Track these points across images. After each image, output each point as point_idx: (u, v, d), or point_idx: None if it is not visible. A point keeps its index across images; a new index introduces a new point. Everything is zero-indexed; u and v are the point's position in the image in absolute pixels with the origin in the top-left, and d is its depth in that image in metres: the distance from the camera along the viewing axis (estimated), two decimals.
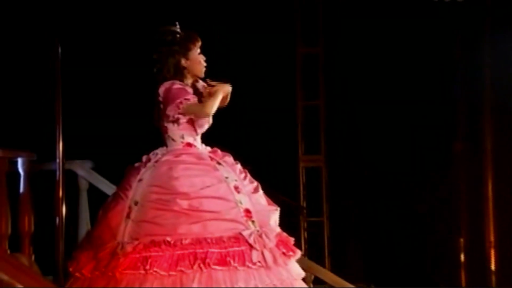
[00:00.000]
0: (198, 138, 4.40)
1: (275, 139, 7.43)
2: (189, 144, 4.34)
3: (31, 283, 3.57)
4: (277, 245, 4.14)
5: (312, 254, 7.40)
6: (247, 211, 4.13)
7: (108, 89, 6.79)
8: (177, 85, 4.32)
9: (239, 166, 4.37)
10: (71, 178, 5.42)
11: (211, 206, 4.06)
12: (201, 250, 3.95)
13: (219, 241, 3.99)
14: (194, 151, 4.33)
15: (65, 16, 6.17)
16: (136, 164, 4.35)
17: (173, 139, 4.35)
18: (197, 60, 4.38)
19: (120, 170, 5.60)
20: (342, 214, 7.76)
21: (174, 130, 4.33)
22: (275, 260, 4.08)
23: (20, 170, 5.12)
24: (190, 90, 4.38)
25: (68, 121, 5.04)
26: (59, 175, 4.95)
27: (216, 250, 3.96)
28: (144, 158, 4.35)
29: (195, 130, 4.36)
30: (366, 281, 6.95)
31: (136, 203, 4.13)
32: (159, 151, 4.35)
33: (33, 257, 5.14)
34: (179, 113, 4.29)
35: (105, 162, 5.71)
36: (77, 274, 4.17)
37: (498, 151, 7.13)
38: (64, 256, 4.94)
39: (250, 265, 3.99)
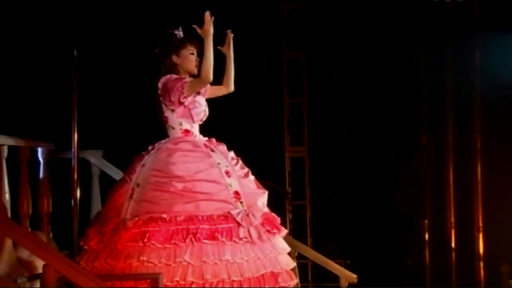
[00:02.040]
0: (196, 126, 4.40)
1: (264, 132, 7.43)
2: (187, 131, 4.34)
3: (49, 257, 3.59)
4: (262, 223, 4.15)
5: (296, 234, 7.40)
6: (236, 193, 4.14)
7: (119, 87, 6.77)
8: (173, 76, 4.34)
9: (231, 153, 4.38)
10: (84, 165, 5.42)
11: (204, 188, 4.08)
12: (193, 226, 3.97)
13: (209, 218, 4.01)
14: (191, 139, 4.33)
15: (82, 18, 6.13)
16: (143, 152, 4.37)
17: (173, 127, 4.35)
18: (188, 58, 4.37)
19: (128, 159, 5.62)
20: (322, 198, 7.77)
21: (173, 118, 4.33)
22: (259, 236, 4.09)
23: (40, 158, 5.12)
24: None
25: (83, 114, 5.05)
26: (74, 162, 4.97)
27: (206, 226, 3.98)
28: (150, 147, 4.37)
29: (192, 118, 4.34)
30: (342, 257, 6.95)
31: (138, 185, 4.16)
32: (162, 141, 4.37)
33: (51, 235, 5.15)
34: (184, 97, 4.27)
35: (115, 151, 5.70)
36: (85, 247, 4.22)
37: (459, 142, 7.15)
38: (78, 233, 4.97)
39: (236, 240, 4.01)
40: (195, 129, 4.39)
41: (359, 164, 7.49)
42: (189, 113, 4.33)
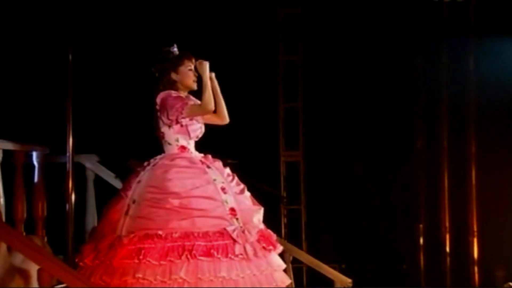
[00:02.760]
0: (192, 143, 4.42)
1: (259, 137, 7.44)
2: (183, 147, 4.36)
3: (44, 261, 3.61)
4: (258, 240, 4.16)
5: (291, 238, 7.42)
6: (232, 210, 4.16)
7: (114, 92, 6.78)
8: (173, 94, 4.36)
9: (227, 170, 4.40)
10: (79, 169, 5.43)
11: (200, 204, 4.09)
12: (188, 243, 3.98)
13: (205, 235, 4.02)
14: (187, 155, 4.35)
15: (78, 22, 6.15)
16: (138, 169, 4.37)
17: (169, 143, 4.37)
18: (186, 74, 4.41)
19: (123, 163, 5.65)
20: (318, 203, 7.79)
21: (169, 134, 4.35)
22: (255, 253, 4.11)
23: (35, 162, 5.13)
24: (185, 97, 4.43)
25: (78, 119, 5.07)
26: (69, 166, 5.01)
27: (202, 243, 3.99)
28: (145, 163, 4.38)
29: (189, 134, 4.37)
30: (337, 262, 6.96)
31: (134, 202, 4.16)
32: (158, 157, 4.38)
33: (45, 239, 5.15)
34: (183, 117, 4.30)
35: (110, 156, 5.71)
36: (81, 263, 4.20)
37: (453, 147, 7.18)
38: (73, 237, 4.99)
39: (232, 257, 4.02)
40: (191, 145, 4.41)
41: (354, 169, 7.52)
42: (186, 130, 4.37)
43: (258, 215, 4.31)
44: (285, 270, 5.44)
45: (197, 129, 4.42)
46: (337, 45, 7.25)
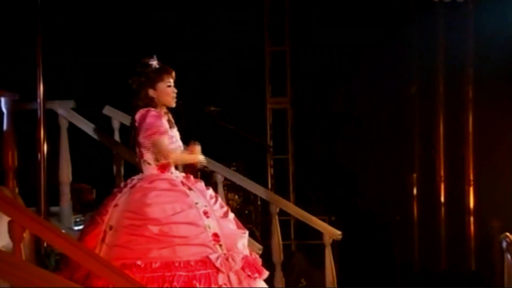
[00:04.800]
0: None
1: (244, 83, 7.37)
2: (163, 167, 4.25)
3: (15, 212, 3.53)
4: (242, 268, 4.07)
5: (278, 189, 7.42)
6: (215, 235, 4.06)
7: (88, 35, 6.67)
8: (152, 112, 4.23)
9: (210, 191, 4.30)
10: (52, 117, 5.34)
11: (180, 231, 3.99)
12: (169, 274, 3.88)
13: (186, 264, 3.92)
14: (168, 176, 4.24)
15: None
16: (115, 190, 4.26)
17: (148, 163, 4.25)
18: (165, 92, 4.27)
19: (98, 111, 5.59)
20: (306, 153, 7.76)
21: (149, 154, 4.24)
22: (240, 282, 4.03)
23: (3, 108, 4.99)
24: (165, 119, 4.30)
25: (50, 63, 4.97)
26: (40, 113, 4.90)
27: (183, 273, 3.89)
28: (122, 184, 4.27)
29: None
30: (327, 214, 6.96)
31: (110, 228, 4.03)
32: (136, 177, 4.26)
33: (16, 190, 5.07)
34: (148, 144, 4.19)
35: (85, 103, 5.62)
36: None
37: (449, 91, 7.14)
38: (46, 189, 4.93)
39: (215, 287, 3.94)
40: (171, 164, 4.31)
41: (344, 116, 7.46)
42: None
43: (242, 240, 4.20)
44: (271, 224, 5.47)
45: (177, 147, 4.31)
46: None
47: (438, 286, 6.74)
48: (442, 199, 7.16)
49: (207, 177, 6.08)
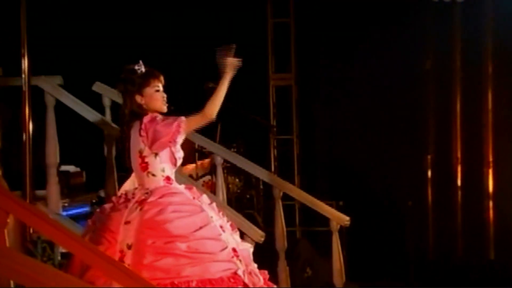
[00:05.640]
0: (174, 172, 4.28)
1: (245, 57, 7.34)
2: (169, 178, 4.22)
3: None
4: (265, 282, 4.20)
5: (282, 172, 7.44)
6: (234, 250, 4.13)
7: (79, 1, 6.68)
8: (158, 119, 4.18)
9: (214, 205, 4.31)
10: (38, 94, 5.34)
11: (207, 247, 4.01)
12: None
13: (221, 282, 3.97)
14: (177, 189, 4.22)
15: None
16: (107, 206, 4.20)
17: (153, 174, 4.20)
18: (153, 97, 4.23)
19: (88, 87, 5.59)
20: (312, 133, 7.76)
21: (155, 164, 4.19)
22: None
23: None
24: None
25: (35, 37, 4.96)
26: (25, 90, 4.90)
27: None
28: (115, 198, 4.21)
29: (175, 162, 4.24)
30: (334, 198, 6.98)
31: (129, 247, 3.99)
32: (137, 191, 4.19)
33: (0, 172, 5.09)
34: (180, 135, 4.13)
35: (74, 79, 5.63)
36: None
37: (467, 67, 7.13)
38: (31, 171, 4.94)
39: None
40: (173, 176, 4.27)
41: (353, 92, 7.45)
42: (173, 157, 4.22)
43: (251, 252, 4.29)
44: (274, 209, 5.49)
45: (181, 156, 4.29)
46: None
47: (454, 276, 6.76)
48: (459, 182, 7.18)
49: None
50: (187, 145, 5.87)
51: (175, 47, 6.24)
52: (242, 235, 5.04)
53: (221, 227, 4.16)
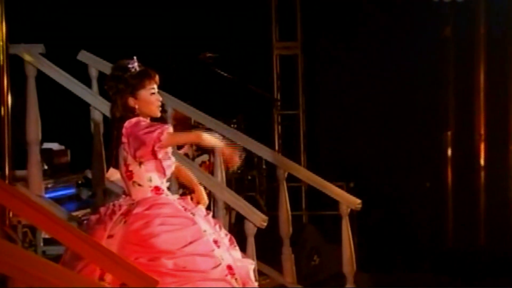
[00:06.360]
0: (165, 182, 4.23)
1: (246, 24, 7.33)
2: (157, 188, 4.17)
3: None
4: None
5: (287, 151, 7.43)
6: (229, 268, 4.08)
7: None
8: (142, 123, 4.11)
9: (210, 216, 4.26)
10: (17, 63, 5.30)
11: (197, 265, 3.97)
12: None
13: None
14: (166, 200, 4.17)
15: None
16: (93, 217, 4.16)
17: (139, 184, 4.15)
18: (148, 101, 4.16)
19: (72, 56, 5.54)
20: (319, 107, 7.74)
21: (140, 173, 4.13)
22: None
23: None
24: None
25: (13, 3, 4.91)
26: (2, 59, 4.85)
27: None
28: (103, 209, 4.15)
29: (164, 172, 4.17)
30: (344, 179, 6.98)
31: None
32: (123, 201, 4.15)
33: None
34: (160, 146, 4.04)
35: (57, 47, 5.58)
36: None
37: (492, 33, 7.09)
38: (11, 148, 4.89)
39: None
40: (165, 185, 4.22)
41: (365, 62, 7.41)
42: (161, 166, 4.15)
43: (251, 270, 4.23)
44: (278, 192, 5.46)
45: (171, 164, 4.23)
46: None
47: (475, 266, 6.76)
48: (482, 161, 7.17)
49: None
50: (182, 121, 5.82)
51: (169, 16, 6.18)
52: (243, 220, 5.04)
53: (215, 241, 4.09)
